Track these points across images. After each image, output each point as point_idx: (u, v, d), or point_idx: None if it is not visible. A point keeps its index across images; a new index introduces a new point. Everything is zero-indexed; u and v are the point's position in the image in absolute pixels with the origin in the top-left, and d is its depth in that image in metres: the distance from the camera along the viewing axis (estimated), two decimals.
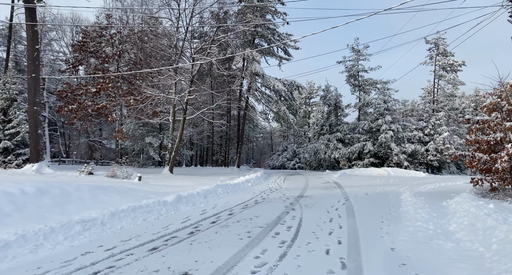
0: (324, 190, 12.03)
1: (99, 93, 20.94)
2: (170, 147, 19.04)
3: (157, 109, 20.96)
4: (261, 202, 8.54)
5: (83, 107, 20.08)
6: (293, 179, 18.53)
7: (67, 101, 20.95)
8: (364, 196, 10.08)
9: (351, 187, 13.19)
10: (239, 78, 27.45)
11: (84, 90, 20.78)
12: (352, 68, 34.82)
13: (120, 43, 23.07)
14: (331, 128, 35.17)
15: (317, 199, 9.26)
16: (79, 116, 21.14)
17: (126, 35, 22.47)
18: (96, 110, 20.35)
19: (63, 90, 20.64)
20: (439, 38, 34.81)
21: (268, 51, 30.91)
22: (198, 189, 9.16)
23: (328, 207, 7.72)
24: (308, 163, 39.16)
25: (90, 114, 20.91)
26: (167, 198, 7.32)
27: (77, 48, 21.56)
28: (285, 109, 27.33)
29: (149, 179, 14.45)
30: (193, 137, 42.57)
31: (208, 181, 14.15)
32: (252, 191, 11.41)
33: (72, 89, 20.75)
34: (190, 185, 12.06)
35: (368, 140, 30.55)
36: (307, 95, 65.90)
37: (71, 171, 14.85)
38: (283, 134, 78.84)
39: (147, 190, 9.62)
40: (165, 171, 18.39)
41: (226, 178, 16.05)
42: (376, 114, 30.76)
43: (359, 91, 35.12)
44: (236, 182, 12.79)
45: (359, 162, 30.80)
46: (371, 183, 15.85)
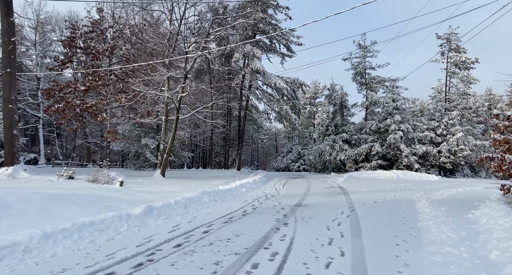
0: (326, 197, 10.72)
1: (88, 92, 19.90)
2: (162, 149, 17.90)
3: (151, 108, 19.86)
4: (250, 213, 7.28)
5: (71, 106, 19.07)
6: (294, 183, 17.23)
7: (55, 100, 19.98)
8: (372, 205, 8.76)
9: (357, 193, 11.86)
10: (239, 76, 26.26)
11: (72, 89, 19.79)
12: (359, 66, 33.42)
13: (112, 39, 22.06)
14: (336, 129, 33.77)
15: (317, 209, 7.97)
16: (68, 116, 20.16)
17: (118, 30, 21.44)
18: (84, 110, 19.31)
19: (51, 89, 19.65)
20: (451, 33, 33.24)
21: (269, 48, 29.69)
22: (178, 198, 7.94)
23: (329, 220, 6.43)
24: (312, 165, 37.78)
25: (79, 113, 19.88)
26: (134, 211, 6.10)
27: (66, 44, 20.58)
28: (288, 108, 26.04)
29: (135, 183, 13.30)
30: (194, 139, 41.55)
31: (200, 186, 12.96)
32: (245, 198, 10.16)
33: (60, 87, 19.75)
34: (177, 191, 10.86)
35: (376, 141, 29.09)
36: (312, 95, 64.48)
37: (53, 175, 13.76)
38: (288, 135, 77.52)
39: (122, 198, 8.44)
40: (157, 175, 17.25)
41: (220, 183, 14.86)
42: (385, 113, 29.30)
43: (366, 89, 33.68)
44: (229, 187, 11.56)
45: (366, 164, 29.34)
46: (380, 188, 14.48)
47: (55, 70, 21.19)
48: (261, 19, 27.04)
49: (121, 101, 19.41)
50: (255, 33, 28.53)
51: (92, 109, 19.53)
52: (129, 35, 22.15)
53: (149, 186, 12.44)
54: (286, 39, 28.64)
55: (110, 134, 20.31)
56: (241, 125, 28.36)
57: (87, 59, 21.43)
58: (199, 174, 23.61)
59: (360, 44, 33.56)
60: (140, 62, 19.64)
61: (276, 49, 29.85)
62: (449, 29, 33.36)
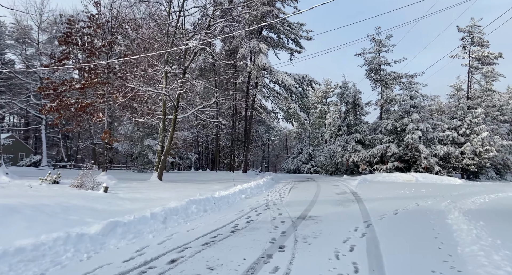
0: (337, 206, 9.31)
1: (84, 90, 18.99)
2: (159, 150, 16.77)
3: (149, 107, 18.79)
4: (241, 229, 5.97)
5: (65, 105, 18.17)
6: (302, 187, 15.83)
7: (51, 99, 19.15)
8: (393, 218, 7.33)
9: (373, 201, 10.40)
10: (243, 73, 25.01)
11: (68, 87, 18.91)
12: (373, 61, 31.71)
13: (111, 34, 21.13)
14: (349, 129, 32.12)
15: (324, 223, 6.60)
16: (63, 116, 19.29)
17: (116, 24, 20.48)
18: (80, 109, 18.39)
19: (45, 87, 18.82)
20: (473, 26, 31.17)
21: (277, 43, 28.36)
22: (158, 209, 6.70)
23: (338, 242, 5.06)
24: (324, 167, 36.17)
25: (75, 113, 18.98)
26: (91, 229, 4.88)
27: (61, 40, 19.74)
28: (296, 106, 24.62)
29: (125, 188, 12.19)
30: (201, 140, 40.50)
31: (195, 192, 11.76)
32: (242, 207, 8.85)
33: (55, 85, 18.90)
34: (167, 198, 9.67)
35: (391, 141, 27.36)
36: (323, 94, 62.74)
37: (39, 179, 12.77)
38: (299, 136, 75.91)
39: (96, 209, 7.28)
40: (153, 178, 16.12)
41: (220, 187, 13.64)
42: (401, 111, 27.56)
43: (381, 86, 31.93)
44: (225, 194, 10.29)
45: (381, 166, 27.64)
46: (399, 194, 12.96)
47: (50, 67, 20.40)
48: (267, 13, 25.75)
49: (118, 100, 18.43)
50: (261, 27, 27.25)
51: (88, 108, 18.58)
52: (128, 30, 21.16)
53: (138, 191, 11.30)
54: (295, 34, 27.25)
55: (107, 134, 19.32)
56: (247, 125, 27.09)
57: (83, 56, 20.57)
58: (202, 176, 22.46)
59: (374, 38, 31.87)
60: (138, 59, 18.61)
61: (284, 44, 28.49)
62: (471, 21, 31.32)
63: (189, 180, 19.06)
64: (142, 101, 18.65)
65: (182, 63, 16.83)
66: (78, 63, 20.33)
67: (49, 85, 18.84)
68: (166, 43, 17.27)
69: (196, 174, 26.87)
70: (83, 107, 18.39)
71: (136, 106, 19.18)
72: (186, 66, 16.60)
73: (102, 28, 20.45)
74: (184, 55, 16.66)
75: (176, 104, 16.55)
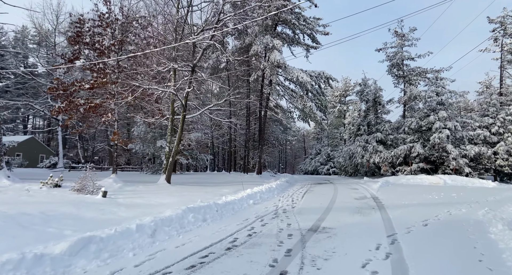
0: (355, 214, 8.25)
1: (93, 90, 18.69)
2: (167, 152, 16.17)
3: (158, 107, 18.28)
4: (239, 246, 5.09)
5: (74, 106, 17.92)
6: (317, 191, 14.77)
7: (62, 100, 19.00)
8: (422, 232, 6.24)
9: (397, 208, 9.26)
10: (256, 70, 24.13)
11: (77, 87, 18.68)
12: (395, 56, 30.05)
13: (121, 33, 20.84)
14: (369, 128, 30.63)
15: (339, 238, 5.61)
16: (73, 117, 19.10)
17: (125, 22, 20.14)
18: (89, 109, 18.09)
19: (54, 87, 18.66)
20: (506, 16, 28.96)
21: (292, 39, 27.32)
22: (147, 219, 5.93)
23: (355, 267, 4.09)
24: (343, 168, 34.76)
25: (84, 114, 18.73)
26: (55, 249, 4.12)
27: (71, 40, 19.57)
28: (312, 105, 23.49)
29: (129, 192, 11.60)
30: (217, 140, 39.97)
31: (205, 195, 11.08)
32: (247, 215, 7.97)
33: (64, 86, 18.71)
34: (168, 204, 8.95)
35: (416, 141, 25.71)
36: (342, 93, 60.96)
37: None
38: (317, 136, 74.35)
39: (84, 218, 6.61)
40: (161, 181, 15.53)
41: (229, 191, 12.85)
42: (427, 109, 25.86)
43: (404, 83, 30.23)
44: (231, 199, 9.44)
45: (405, 167, 26.03)
46: (427, 199, 11.69)
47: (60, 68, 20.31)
48: (282, 7, 24.76)
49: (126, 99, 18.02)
50: (275, 23, 26.30)
51: (97, 109, 18.27)
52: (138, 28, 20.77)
53: (140, 196, 10.65)
54: (311, 29, 26.13)
55: (116, 135, 18.96)
56: (262, 124, 26.19)
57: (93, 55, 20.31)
58: (214, 179, 21.77)
59: (396, 31, 30.21)
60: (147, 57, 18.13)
61: (300, 40, 27.41)
62: (503, 11, 29.12)
63: (200, 182, 18.39)
64: (151, 100, 18.15)
65: (190, 60, 16.16)
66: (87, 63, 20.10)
67: (58, 85, 18.68)
68: (174, 39, 16.69)
69: (209, 176, 26.25)
70: (92, 108, 18.08)
71: (145, 106, 18.73)
72: (194, 63, 15.93)
73: (112, 27, 20.16)
74: (193, 51, 15.99)
75: (184, 103, 15.90)
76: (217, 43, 15.82)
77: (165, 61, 14.72)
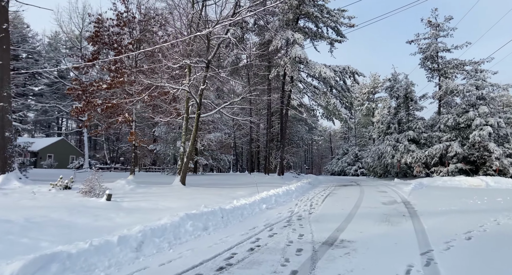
0: (381, 223, 7.16)
1: (111, 90, 18.64)
2: (181, 152, 15.68)
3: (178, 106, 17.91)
4: (234, 265, 4.26)
5: (91, 106, 17.93)
6: (341, 194, 13.63)
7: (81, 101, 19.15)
8: (466, 248, 5.10)
9: (433, 216, 8.04)
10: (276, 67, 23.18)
11: (95, 87, 18.71)
12: (429, 48, 27.98)
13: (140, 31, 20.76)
14: (400, 126, 28.75)
15: (359, 255, 4.63)
16: (91, 117, 19.19)
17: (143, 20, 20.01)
18: (106, 109, 18.03)
19: (74, 88, 18.81)
20: None
21: (315, 33, 26.14)
22: (135, 229, 5.25)
23: None
24: (371, 169, 32.95)
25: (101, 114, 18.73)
26: (6, 270, 3.48)
27: (90, 40, 19.71)
28: (336, 102, 22.24)
29: (137, 195, 11.14)
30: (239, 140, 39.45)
31: (217, 198, 10.47)
32: (256, 222, 7.13)
33: (83, 86, 18.81)
34: (176, 208, 8.32)
35: (453, 139, 23.68)
36: (370, 90, 58.50)
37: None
38: (344, 135, 72.08)
39: (75, 225, 6.08)
40: (176, 182, 15.03)
41: (245, 193, 12.13)
42: (465, 104, 23.76)
43: (438, 76, 28.09)
44: (241, 204, 8.64)
45: (441, 168, 24.05)
46: (467, 204, 10.27)
47: (80, 68, 20.52)
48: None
49: (144, 100, 17.78)
50: (297, 16, 25.23)
51: (114, 109, 18.18)
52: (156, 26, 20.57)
53: (149, 199, 10.12)
54: (335, 21, 24.84)
55: (134, 136, 18.81)
56: (283, 123, 25.22)
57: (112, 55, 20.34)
58: (233, 180, 21.10)
59: (430, 21, 28.12)
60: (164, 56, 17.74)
61: (323, 34, 26.18)
62: None
63: (217, 184, 17.79)
64: (168, 99, 17.79)
65: (205, 56, 15.56)
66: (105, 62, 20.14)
67: (77, 86, 18.82)
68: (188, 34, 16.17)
69: (229, 177, 25.66)
70: (109, 108, 18.00)
71: (161, 105, 18.41)
72: (209, 59, 15.30)
73: (130, 26, 20.10)
74: (207, 46, 15.38)
75: (198, 101, 15.31)
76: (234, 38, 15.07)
77: (177, 57, 14.17)
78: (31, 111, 54.81)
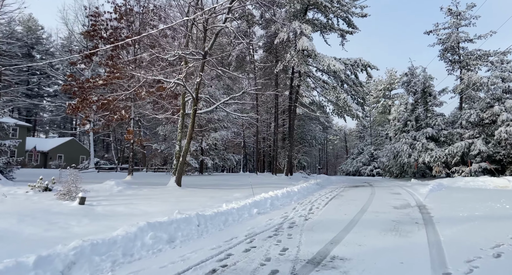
0: (388, 233, 5.99)
1: (107, 86, 18.04)
2: (177, 151, 14.83)
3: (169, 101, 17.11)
4: None
5: (86, 104, 17.35)
6: (348, 196, 12.43)
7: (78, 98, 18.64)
8: (495, 269, 3.93)
9: (452, 223, 6.80)
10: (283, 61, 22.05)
11: (92, 83, 18.15)
12: (449, 38, 26.22)
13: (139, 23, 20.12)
14: (418, 123, 27.10)
15: None
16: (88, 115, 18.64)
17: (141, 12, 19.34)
18: (101, 106, 17.42)
19: (69, 85, 18.29)
20: None
21: (325, 25, 24.86)
22: (71, 245, 4.32)
23: None
24: (387, 169, 31.38)
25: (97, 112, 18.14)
26: None
27: (86, 35, 19.21)
28: (346, 97, 20.91)
29: (122, 197, 10.34)
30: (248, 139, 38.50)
31: (209, 201, 9.59)
32: (238, 231, 6.11)
33: (79, 82, 18.27)
34: (155, 213, 7.42)
35: (476, 136, 21.95)
36: (386, 86, 56.43)
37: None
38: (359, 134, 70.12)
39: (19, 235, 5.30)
40: (171, 183, 14.21)
41: (241, 195, 11.20)
42: (490, 99, 22.01)
43: (460, 68, 26.28)
44: (228, 208, 7.65)
45: (462, 168, 22.36)
46: (493, 209, 8.92)
47: (77, 64, 20.04)
48: None
49: (141, 96, 17.07)
50: (305, 7, 24.01)
51: (110, 106, 17.55)
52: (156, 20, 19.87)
53: (131, 202, 9.27)
54: (346, 11, 23.51)
55: (130, 134, 18.13)
56: (291, 120, 24.08)
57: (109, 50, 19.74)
58: (237, 180, 20.14)
59: (450, 10, 26.35)
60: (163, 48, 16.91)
61: (333, 25, 24.88)
62: None
63: (217, 185, 16.89)
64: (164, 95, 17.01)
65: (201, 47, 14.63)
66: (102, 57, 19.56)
67: (72, 83, 18.29)
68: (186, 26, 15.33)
69: (234, 177, 24.74)
70: (105, 105, 17.38)
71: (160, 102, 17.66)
72: (205, 50, 14.37)
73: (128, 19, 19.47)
74: (204, 36, 14.44)
75: (195, 96, 14.41)
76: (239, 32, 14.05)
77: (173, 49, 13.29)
78: (46, 112, 55.71)
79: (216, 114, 28.60)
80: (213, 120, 29.01)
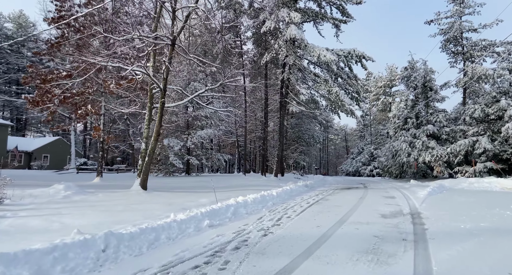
0: (361, 258, 4.48)
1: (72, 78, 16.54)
2: (143, 150, 13.32)
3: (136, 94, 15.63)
4: None
5: (47, 97, 15.87)
6: (333, 201, 10.93)
7: None
8: None
9: (450, 241, 5.28)
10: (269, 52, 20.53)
11: (55, 75, 16.68)
12: (451, 28, 24.67)
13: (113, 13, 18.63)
14: (418, 120, 25.58)
15: None
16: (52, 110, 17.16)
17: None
18: (64, 101, 15.94)
19: (30, 77, 16.82)
20: None
21: (317, 14, 23.36)
22: None
23: None
24: (386, 169, 29.87)
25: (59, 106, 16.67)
26: None
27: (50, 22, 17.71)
28: (338, 90, 19.38)
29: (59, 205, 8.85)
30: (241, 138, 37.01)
31: (160, 210, 8.18)
32: (155, 259, 4.62)
33: (41, 74, 16.79)
34: (82, 226, 5.93)
35: (481, 134, 20.42)
36: (387, 83, 54.85)
37: None
38: (360, 133, 68.59)
39: None
40: (135, 187, 12.67)
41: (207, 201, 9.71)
42: (496, 92, 20.48)
43: (463, 60, 24.74)
44: (167, 221, 6.15)
45: (466, 168, 20.86)
46: (502, 218, 7.39)
47: (42, 54, 18.57)
48: None
49: (108, 89, 15.60)
50: None
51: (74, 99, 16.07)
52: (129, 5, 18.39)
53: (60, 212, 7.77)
54: None
55: (98, 131, 16.66)
56: (281, 116, 22.59)
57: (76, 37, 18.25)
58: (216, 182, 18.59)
59: None
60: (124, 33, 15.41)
61: (327, 14, 23.37)
62: None
63: (194, 187, 15.39)
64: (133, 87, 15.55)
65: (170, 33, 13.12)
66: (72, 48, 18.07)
67: (33, 74, 16.81)
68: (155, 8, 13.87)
69: (219, 178, 23.21)
70: (67, 98, 15.91)
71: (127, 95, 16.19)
72: (174, 35, 12.87)
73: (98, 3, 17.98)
74: (172, 18, 12.94)
75: (163, 88, 12.91)
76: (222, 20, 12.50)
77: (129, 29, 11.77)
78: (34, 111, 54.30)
79: (203, 110, 27.15)
80: (200, 117, 27.54)
